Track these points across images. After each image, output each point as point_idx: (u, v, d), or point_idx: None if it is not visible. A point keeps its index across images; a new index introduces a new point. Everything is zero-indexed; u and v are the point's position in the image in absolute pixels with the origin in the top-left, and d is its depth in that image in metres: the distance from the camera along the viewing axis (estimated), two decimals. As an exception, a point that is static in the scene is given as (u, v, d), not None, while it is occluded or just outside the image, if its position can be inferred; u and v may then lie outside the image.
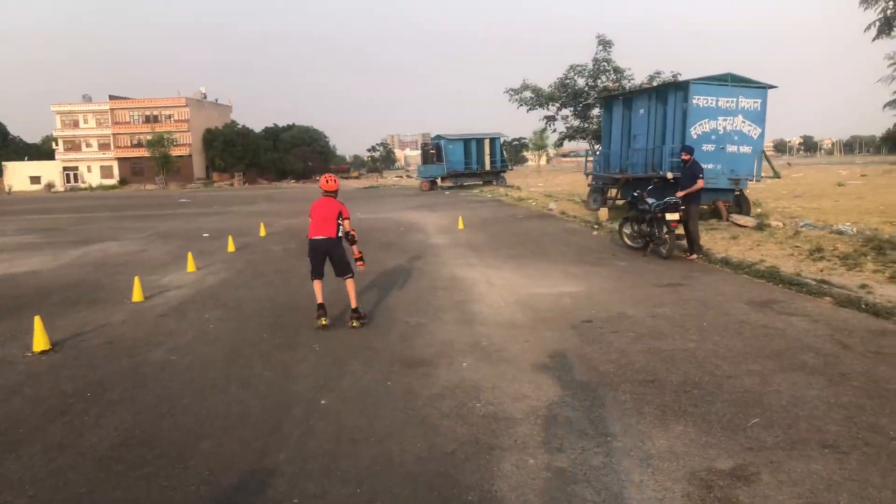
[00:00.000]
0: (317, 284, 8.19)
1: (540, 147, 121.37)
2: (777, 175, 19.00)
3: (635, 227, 13.31)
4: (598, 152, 23.89)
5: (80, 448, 4.71)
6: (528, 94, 30.90)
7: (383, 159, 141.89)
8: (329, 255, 8.17)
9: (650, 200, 12.90)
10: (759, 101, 17.09)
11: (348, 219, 8.35)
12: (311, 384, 5.94)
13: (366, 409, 5.30)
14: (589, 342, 6.93)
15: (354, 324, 7.94)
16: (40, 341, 7.32)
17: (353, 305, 8.08)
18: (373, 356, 6.74)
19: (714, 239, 13.89)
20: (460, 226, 19.50)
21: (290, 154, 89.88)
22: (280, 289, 10.68)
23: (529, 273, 11.30)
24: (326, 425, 4.99)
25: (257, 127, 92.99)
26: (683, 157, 12.66)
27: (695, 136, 16.56)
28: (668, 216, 12.03)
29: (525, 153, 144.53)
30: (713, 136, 16.84)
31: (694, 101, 16.60)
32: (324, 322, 7.90)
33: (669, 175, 15.11)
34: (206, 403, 5.50)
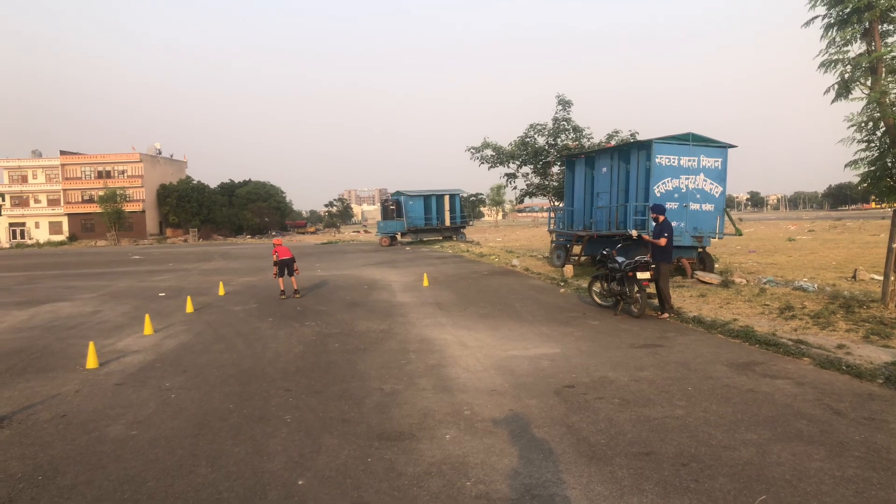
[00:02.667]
0: (282, 281, 17.32)
1: (497, 203, 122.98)
2: (739, 233, 19.35)
3: (605, 286, 13.25)
4: (560, 209, 24.04)
5: (31, 545, 4.23)
6: (489, 151, 31.11)
7: (341, 214, 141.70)
8: (288, 266, 17.41)
9: (620, 259, 12.90)
10: (720, 159, 17.48)
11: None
12: (285, 462, 5.54)
13: (347, 490, 4.93)
14: (574, 410, 6.68)
15: (297, 296, 17.17)
16: (-15, 417, 6.75)
17: (296, 287, 17.48)
18: (349, 429, 6.36)
19: (682, 297, 13.91)
20: (425, 283, 19.26)
21: (245, 209, 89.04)
22: (244, 353, 10.21)
23: (503, 334, 11.07)
24: (307, 511, 4.60)
25: (213, 182, 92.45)
26: (654, 216, 12.72)
27: (658, 194, 16.78)
28: (640, 275, 12.01)
29: (482, 208, 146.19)
30: (676, 195, 17.09)
31: (657, 160, 16.87)
32: (283, 298, 16.94)
33: (634, 233, 15.21)
34: (174, 487, 5.05)
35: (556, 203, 29.62)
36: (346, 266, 28.76)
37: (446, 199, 49.04)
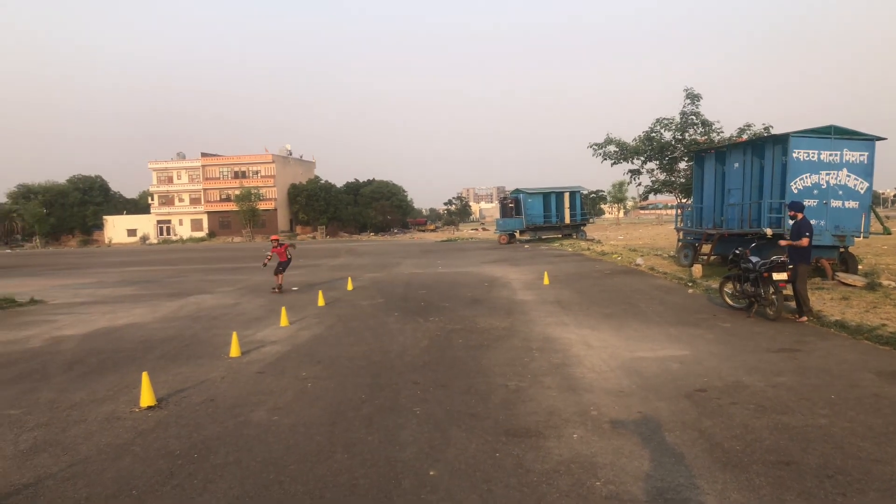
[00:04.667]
0: (280, 277, 19.19)
1: (619, 200, 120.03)
2: (888, 231, 17.87)
3: (738, 287, 12.68)
4: (688, 207, 23.21)
5: (191, 516, 4.62)
6: (612, 148, 30.54)
7: (459, 212, 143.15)
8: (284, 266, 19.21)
9: (754, 259, 12.31)
10: (867, 153, 16.25)
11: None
12: (416, 452, 5.73)
13: (477, 483, 5.04)
14: (707, 414, 6.47)
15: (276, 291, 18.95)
16: (147, 397, 7.42)
17: (280, 283, 19.31)
18: (476, 423, 6.48)
19: (822, 299, 13.08)
20: (545, 281, 19.16)
21: (369, 208, 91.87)
22: (373, 346, 10.60)
23: (628, 334, 10.86)
24: (439, 500, 4.75)
25: (339, 182, 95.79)
26: (792, 214, 12.05)
27: (795, 191, 15.85)
28: (776, 276, 11.41)
29: (602, 206, 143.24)
30: (815, 191, 16.06)
31: (794, 155, 15.93)
32: (275, 291, 18.94)
33: (768, 231, 14.46)
34: (314, 471, 5.35)
35: (684, 200, 28.62)
36: (465, 263, 29.08)
37: (566, 196, 48.45)
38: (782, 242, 11.94)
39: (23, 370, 9.58)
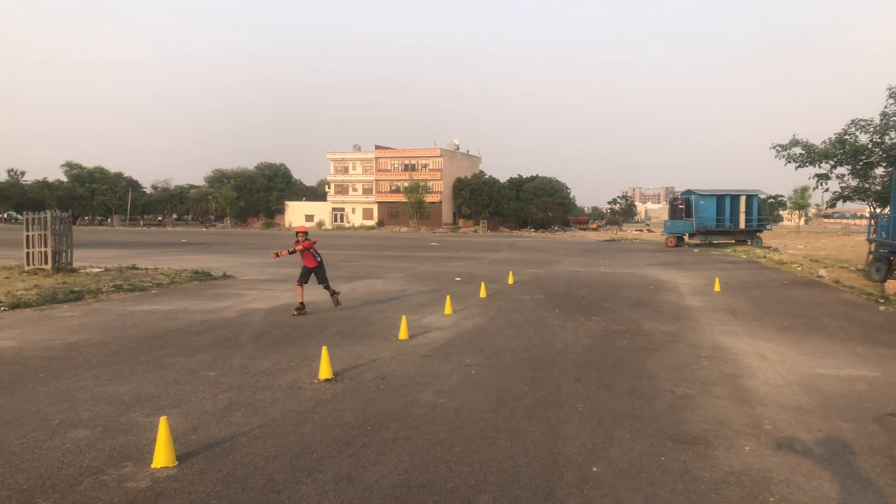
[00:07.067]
0: (302, 290, 13.16)
1: (800, 206, 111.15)
2: None
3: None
4: (884, 217, 21.11)
5: (366, 482, 4.96)
6: (797, 150, 28.43)
7: (623, 212, 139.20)
8: (317, 275, 13.51)
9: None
10: None
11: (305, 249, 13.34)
12: (578, 448, 5.75)
13: (641, 485, 4.98)
14: (901, 442, 5.93)
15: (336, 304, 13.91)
16: (325, 370, 8.00)
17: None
18: (640, 426, 6.37)
19: None
20: (716, 288, 18.26)
21: (531, 204, 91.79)
22: (534, 340, 10.68)
23: (808, 349, 10.13)
24: (602, 497, 4.75)
25: (502, 177, 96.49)
26: None
27: None
28: None
29: (781, 212, 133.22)
30: None
31: None
32: (296, 314, 12.83)
33: None
34: (478, 455, 5.54)
35: (878, 209, 26.05)
36: (629, 264, 28.35)
37: (742, 199, 45.61)
38: None
39: (218, 337, 10.65)
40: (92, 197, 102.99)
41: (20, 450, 5.56)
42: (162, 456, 5.21)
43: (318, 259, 13.52)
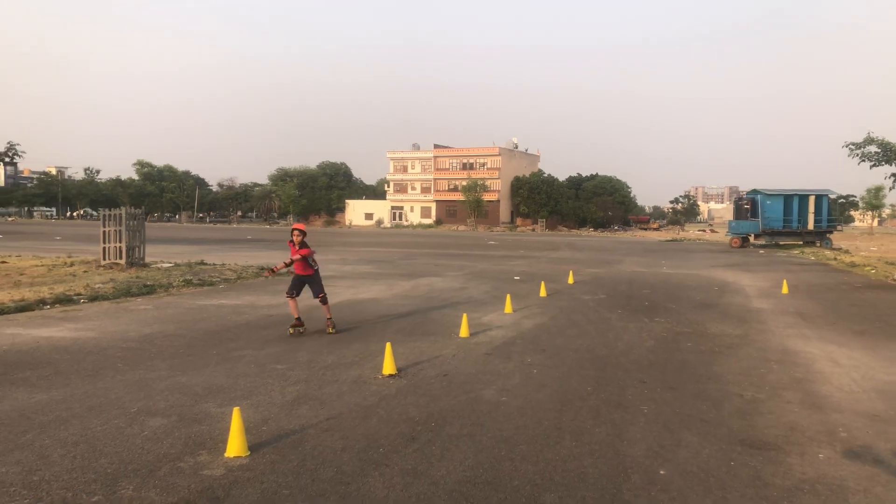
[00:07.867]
0: (294, 304, 10.94)
1: (874, 207, 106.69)
2: None
3: None
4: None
5: (432, 477, 5.01)
6: (872, 148, 27.27)
7: (685, 212, 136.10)
8: (309, 285, 11.04)
9: None
10: None
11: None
12: (645, 450, 5.67)
13: (710, 489, 4.89)
14: None
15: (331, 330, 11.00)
16: (389, 366, 8.11)
17: (328, 318, 11.16)
18: (708, 429, 6.25)
19: None
20: (784, 290, 17.72)
21: (590, 203, 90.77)
22: (596, 340, 10.58)
23: (885, 355, 9.74)
24: (670, 500, 4.69)
25: (561, 176, 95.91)
26: None
27: None
28: None
29: (852, 212, 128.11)
30: None
31: None
32: (292, 332, 10.74)
33: None
34: (543, 454, 5.52)
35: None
36: (692, 265, 27.75)
37: (811, 200, 44.03)
38: None
39: (284, 332, 10.89)
40: (161, 194, 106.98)
41: (103, 435, 5.82)
42: (235, 445, 5.38)
43: (315, 267, 11.06)
